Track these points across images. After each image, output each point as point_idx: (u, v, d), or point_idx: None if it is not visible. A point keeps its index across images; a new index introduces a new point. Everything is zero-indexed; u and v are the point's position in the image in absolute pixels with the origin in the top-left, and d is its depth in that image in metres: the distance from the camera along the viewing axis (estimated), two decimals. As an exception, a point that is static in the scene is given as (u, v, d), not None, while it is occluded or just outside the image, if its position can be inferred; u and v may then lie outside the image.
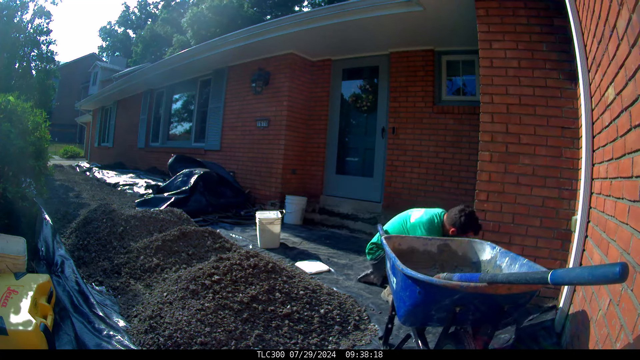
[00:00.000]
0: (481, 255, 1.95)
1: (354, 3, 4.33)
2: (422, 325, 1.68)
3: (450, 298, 1.37)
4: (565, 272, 1.00)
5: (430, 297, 1.41)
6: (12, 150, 2.62)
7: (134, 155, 10.65)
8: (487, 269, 1.88)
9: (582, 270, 0.94)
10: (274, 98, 6.03)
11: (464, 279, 1.37)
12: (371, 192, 5.44)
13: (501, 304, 1.41)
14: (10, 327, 1.48)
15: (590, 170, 2.08)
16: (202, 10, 18.73)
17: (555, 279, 1.01)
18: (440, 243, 2.04)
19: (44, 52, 8.45)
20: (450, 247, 2.03)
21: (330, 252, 4.00)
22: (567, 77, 2.67)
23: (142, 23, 34.56)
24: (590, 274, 0.90)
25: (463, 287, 1.31)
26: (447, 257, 2.02)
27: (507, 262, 1.74)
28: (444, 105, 4.86)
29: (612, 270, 0.83)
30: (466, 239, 2.07)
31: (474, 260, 1.96)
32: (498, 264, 1.81)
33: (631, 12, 1.17)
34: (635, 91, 1.18)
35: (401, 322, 1.67)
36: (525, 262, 1.61)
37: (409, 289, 1.48)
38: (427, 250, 2.03)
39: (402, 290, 1.55)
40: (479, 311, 1.45)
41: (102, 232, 3.15)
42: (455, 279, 1.43)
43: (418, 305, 1.46)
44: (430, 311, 1.46)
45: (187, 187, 5.38)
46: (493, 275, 1.27)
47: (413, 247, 2.04)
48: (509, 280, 1.21)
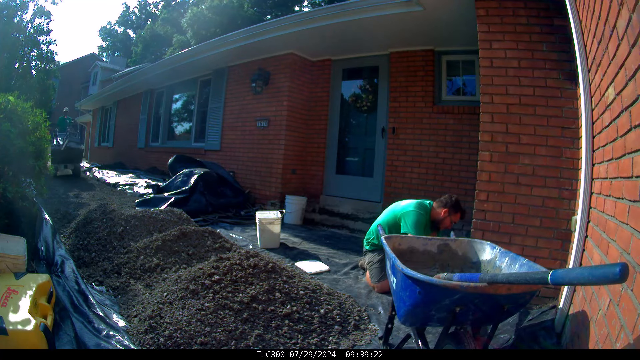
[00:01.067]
0: (481, 255, 1.95)
1: (354, 3, 4.33)
2: (422, 326, 1.68)
3: (450, 298, 1.37)
4: (565, 273, 1.00)
5: (430, 297, 1.41)
6: (12, 150, 2.61)
7: (134, 155, 10.65)
8: (487, 269, 1.88)
9: (582, 270, 0.94)
10: (274, 98, 6.03)
11: (464, 279, 1.37)
12: (371, 192, 5.44)
13: (501, 304, 1.41)
14: (10, 327, 1.48)
15: (590, 170, 2.07)
16: (202, 10, 18.73)
17: (555, 279, 1.01)
18: (440, 243, 2.03)
19: (44, 52, 8.47)
20: (450, 247, 2.02)
21: (331, 252, 4.00)
22: (567, 77, 2.67)
23: (142, 23, 34.55)
24: (590, 274, 0.90)
25: (463, 287, 1.31)
26: (447, 257, 2.02)
27: (507, 262, 1.74)
28: (444, 105, 4.86)
29: (612, 270, 0.83)
30: (466, 239, 2.07)
31: (474, 261, 1.96)
32: (498, 264, 1.81)
33: (631, 12, 1.17)
34: (635, 91, 1.18)
35: (401, 322, 1.67)
36: (525, 262, 1.61)
37: (409, 289, 1.48)
38: (427, 250, 2.03)
39: (402, 290, 1.54)
40: (479, 311, 1.45)
41: (102, 232, 3.15)
42: (455, 278, 1.43)
43: (418, 305, 1.46)
44: (430, 311, 1.46)
45: (187, 187, 5.38)
46: (493, 275, 1.27)
47: (413, 247, 2.04)
48: (509, 280, 1.21)
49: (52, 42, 8.58)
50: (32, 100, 7.29)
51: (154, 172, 8.98)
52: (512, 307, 1.46)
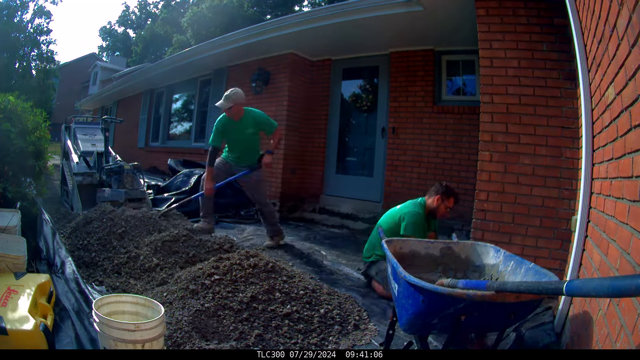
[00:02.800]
0: (485, 258, 1.90)
1: (354, 3, 4.33)
2: (424, 333, 1.63)
3: (455, 307, 1.32)
4: (583, 283, 0.89)
5: (435, 306, 1.35)
6: (12, 150, 2.62)
7: (134, 155, 10.64)
8: (491, 273, 1.83)
9: (602, 281, 0.83)
10: (274, 98, 6.03)
11: (470, 285, 1.32)
12: (371, 191, 5.44)
13: (509, 312, 1.38)
14: (10, 326, 1.47)
15: (590, 170, 2.07)
16: (202, 10, 18.71)
17: (571, 290, 0.91)
18: (443, 246, 1.99)
19: (44, 52, 8.49)
20: (453, 251, 1.98)
21: (331, 252, 4.00)
22: (567, 77, 2.66)
23: (142, 23, 34.52)
24: (612, 286, 0.78)
25: (470, 295, 1.25)
26: (450, 260, 1.98)
27: (512, 266, 1.69)
28: (444, 105, 4.86)
29: (637, 282, 0.72)
30: (469, 241, 2.03)
31: (478, 264, 1.92)
32: (502, 268, 1.76)
33: (631, 12, 1.17)
34: (635, 91, 1.17)
35: (403, 330, 1.62)
36: (531, 267, 1.56)
37: (411, 297, 1.41)
38: (429, 254, 1.99)
39: (404, 298, 1.48)
40: (484, 319, 1.41)
41: (102, 232, 3.15)
42: (460, 285, 1.37)
43: (421, 314, 1.40)
44: (434, 320, 1.41)
45: (187, 187, 5.37)
46: (501, 284, 1.20)
47: (415, 250, 1.99)
48: (519, 289, 1.13)
49: (52, 42, 8.62)
50: (32, 100, 7.30)
51: (154, 172, 8.97)
52: (519, 314, 1.42)
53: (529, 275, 1.56)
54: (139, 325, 1.54)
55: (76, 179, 4.43)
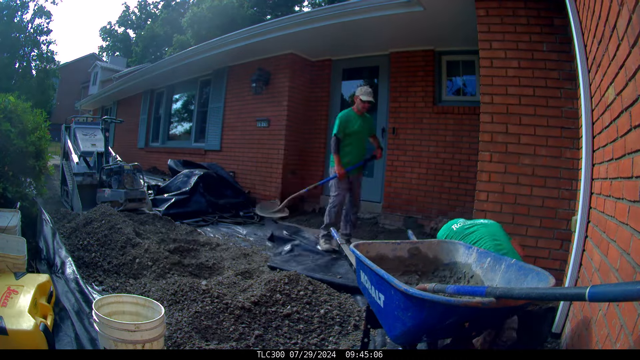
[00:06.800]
0: (455, 256, 1.86)
1: (354, 3, 4.33)
2: (417, 342, 1.55)
3: (458, 315, 1.27)
4: (607, 288, 0.85)
5: (443, 317, 1.27)
6: (12, 150, 2.62)
7: (134, 155, 10.64)
8: (464, 270, 1.79)
9: (629, 285, 0.79)
10: (274, 98, 6.03)
11: (464, 291, 1.27)
12: (371, 192, 5.43)
13: (507, 312, 1.37)
14: (10, 326, 1.47)
15: (590, 171, 2.07)
16: (202, 10, 18.71)
17: (595, 295, 0.86)
18: (411, 247, 1.93)
19: (44, 52, 8.48)
20: (421, 251, 1.92)
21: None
22: (567, 78, 2.66)
23: (142, 23, 34.50)
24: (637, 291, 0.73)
25: (486, 304, 1.18)
26: (419, 260, 1.92)
27: (489, 263, 1.65)
28: (444, 106, 4.86)
29: None
30: (436, 240, 1.98)
31: (447, 262, 1.87)
32: (477, 266, 1.72)
33: (631, 12, 1.17)
34: (635, 91, 1.17)
35: (393, 341, 1.52)
36: (513, 263, 1.51)
37: (411, 309, 1.31)
38: (397, 256, 1.92)
39: (400, 310, 1.36)
40: (484, 322, 1.40)
41: (102, 232, 3.15)
42: (449, 290, 1.30)
43: (422, 325, 1.31)
44: (435, 329, 1.35)
45: (187, 187, 5.37)
46: (508, 289, 1.13)
47: (382, 253, 1.90)
48: (529, 296, 1.07)
49: (52, 42, 8.64)
50: (32, 100, 7.30)
51: (154, 172, 8.96)
52: (516, 311, 1.42)
53: (511, 272, 1.51)
54: (139, 325, 1.54)
55: (76, 179, 4.45)
